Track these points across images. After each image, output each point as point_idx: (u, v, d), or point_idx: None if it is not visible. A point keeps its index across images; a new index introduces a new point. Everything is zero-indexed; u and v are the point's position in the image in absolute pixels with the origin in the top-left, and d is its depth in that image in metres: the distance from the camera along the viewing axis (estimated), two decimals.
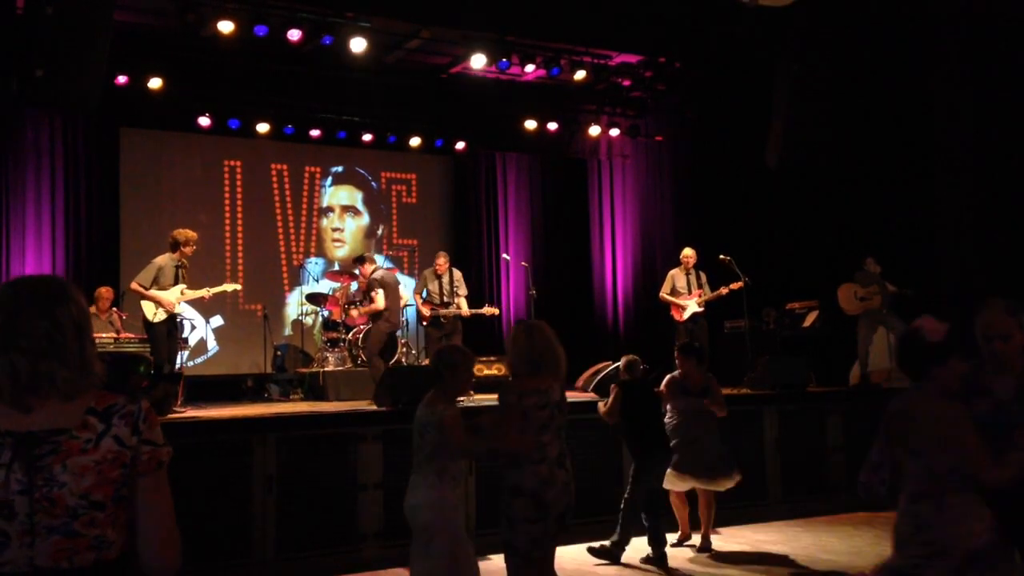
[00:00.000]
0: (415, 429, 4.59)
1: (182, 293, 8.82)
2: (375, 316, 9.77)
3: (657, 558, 6.95)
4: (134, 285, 8.74)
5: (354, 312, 9.77)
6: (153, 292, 8.62)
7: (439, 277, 10.70)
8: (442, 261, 10.79)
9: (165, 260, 8.80)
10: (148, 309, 8.63)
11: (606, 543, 7.04)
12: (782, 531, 8.25)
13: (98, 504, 2.00)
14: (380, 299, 9.55)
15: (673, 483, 7.21)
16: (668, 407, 7.36)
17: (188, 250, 8.85)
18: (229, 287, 9.62)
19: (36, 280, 2.18)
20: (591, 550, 7.05)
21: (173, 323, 8.91)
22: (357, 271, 10.91)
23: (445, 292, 10.63)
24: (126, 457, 2.05)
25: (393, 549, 6.87)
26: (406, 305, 10.98)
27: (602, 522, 7.35)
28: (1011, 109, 9.78)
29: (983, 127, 10.06)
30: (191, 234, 8.91)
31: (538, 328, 4.78)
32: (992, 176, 10.03)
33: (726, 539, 7.79)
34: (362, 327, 10.77)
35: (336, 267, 13.52)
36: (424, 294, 10.82)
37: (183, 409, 8.39)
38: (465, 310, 10.61)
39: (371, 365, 9.67)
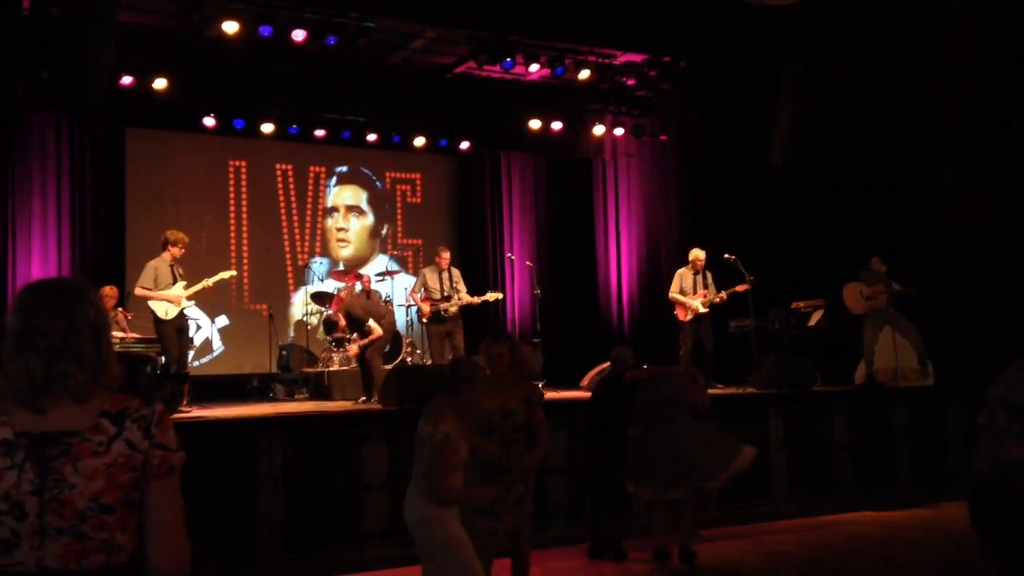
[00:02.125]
0: (416, 437, 4.48)
1: (185, 288, 8.89)
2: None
3: (618, 554, 6.90)
4: (138, 291, 8.80)
5: (352, 347, 9.80)
6: (159, 292, 8.69)
7: (440, 272, 10.65)
8: (445, 255, 10.75)
9: (158, 261, 8.89)
10: (159, 308, 8.69)
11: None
12: (788, 531, 8.23)
13: (107, 507, 2.00)
14: (377, 328, 9.63)
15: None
16: None
17: (176, 250, 8.91)
18: (226, 274, 9.61)
19: (54, 282, 2.20)
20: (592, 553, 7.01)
21: (183, 321, 8.96)
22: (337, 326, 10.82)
23: (446, 287, 10.59)
24: (137, 461, 2.04)
25: (397, 549, 6.86)
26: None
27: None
28: (1016, 108, 9.77)
29: (988, 126, 10.05)
30: (180, 235, 9.03)
31: (517, 343, 5.30)
32: (997, 175, 10.02)
33: (729, 539, 7.78)
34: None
35: (341, 267, 13.53)
36: (423, 291, 10.73)
37: (189, 409, 8.42)
38: (474, 298, 10.59)
39: (374, 368, 9.57)
